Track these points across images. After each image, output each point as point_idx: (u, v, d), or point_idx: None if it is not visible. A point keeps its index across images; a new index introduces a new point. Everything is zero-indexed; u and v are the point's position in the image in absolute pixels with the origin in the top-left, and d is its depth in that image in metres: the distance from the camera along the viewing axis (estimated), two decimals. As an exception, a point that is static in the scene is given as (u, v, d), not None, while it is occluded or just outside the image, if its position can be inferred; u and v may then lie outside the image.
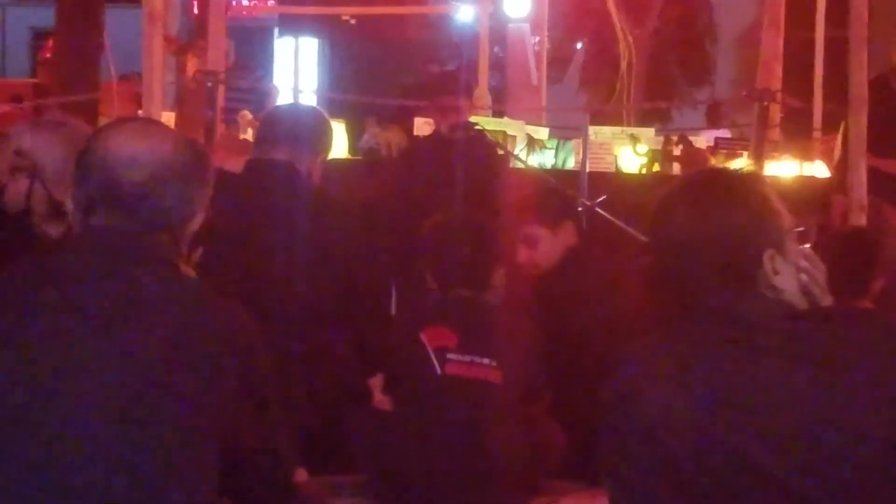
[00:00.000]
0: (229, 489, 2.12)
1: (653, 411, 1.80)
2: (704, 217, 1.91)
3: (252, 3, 15.49)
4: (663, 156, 7.19)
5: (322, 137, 3.92)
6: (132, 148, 2.03)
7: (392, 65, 19.85)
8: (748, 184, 1.98)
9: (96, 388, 1.85)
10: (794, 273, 1.92)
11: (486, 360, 3.52)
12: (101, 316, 1.91)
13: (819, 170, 7.13)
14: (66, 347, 1.88)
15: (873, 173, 5.07)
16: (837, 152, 5.89)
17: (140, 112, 6.27)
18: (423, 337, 3.55)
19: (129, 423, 1.85)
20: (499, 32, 13.47)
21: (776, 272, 1.89)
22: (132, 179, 2.00)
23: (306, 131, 3.88)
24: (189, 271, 2.28)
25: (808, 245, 1.99)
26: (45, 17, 9.05)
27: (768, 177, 5.94)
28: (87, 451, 1.83)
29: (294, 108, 5.03)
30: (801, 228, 1.96)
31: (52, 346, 1.88)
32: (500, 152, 5.91)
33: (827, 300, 1.96)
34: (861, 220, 4.86)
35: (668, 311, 2.00)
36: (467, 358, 3.52)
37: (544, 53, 11.58)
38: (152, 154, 2.03)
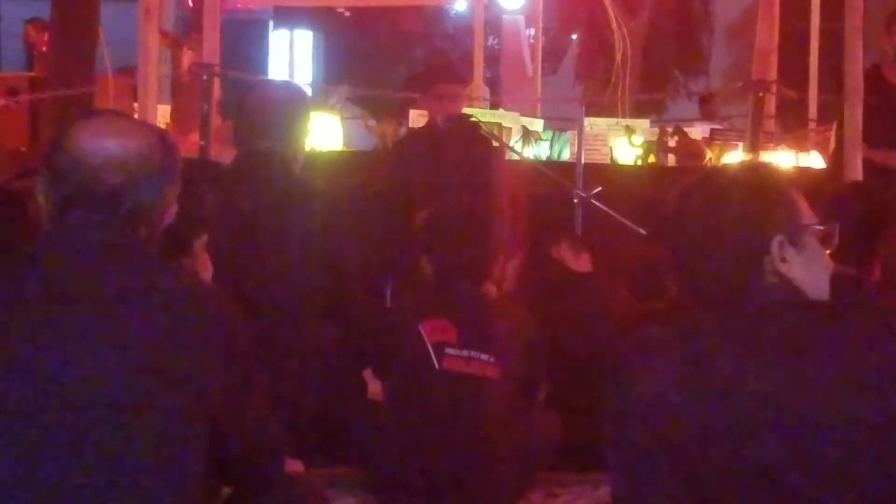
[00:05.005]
0: (224, 474, 2.15)
1: (655, 401, 1.80)
2: (716, 200, 1.93)
3: (247, -4, 15.46)
4: (658, 147, 7.19)
5: (302, 122, 3.91)
6: (108, 148, 2.03)
7: (387, 57, 19.85)
8: (765, 173, 2.01)
9: (88, 378, 1.88)
10: (807, 266, 1.92)
11: (484, 356, 3.50)
12: (90, 308, 1.93)
13: (814, 160, 7.13)
14: (57, 339, 1.90)
15: (868, 164, 5.08)
16: (833, 143, 5.90)
17: (135, 105, 6.27)
18: (422, 329, 3.53)
19: (119, 411, 1.88)
20: (493, 24, 13.47)
21: (783, 260, 1.89)
22: (112, 180, 2.01)
23: (287, 119, 3.87)
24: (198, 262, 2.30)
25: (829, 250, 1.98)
26: (40, 10, 9.03)
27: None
28: (81, 440, 1.86)
29: (271, 96, 4.91)
30: (821, 227, 1.95)
31: (44, 337, 1.90)
32: (496, 144, 5.90)
33: None
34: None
35: (672, 302, 2.01)
36: (465, 353, 3.50)
37: (539, 45, 11.57)
38: (127, 152, 2.04)
